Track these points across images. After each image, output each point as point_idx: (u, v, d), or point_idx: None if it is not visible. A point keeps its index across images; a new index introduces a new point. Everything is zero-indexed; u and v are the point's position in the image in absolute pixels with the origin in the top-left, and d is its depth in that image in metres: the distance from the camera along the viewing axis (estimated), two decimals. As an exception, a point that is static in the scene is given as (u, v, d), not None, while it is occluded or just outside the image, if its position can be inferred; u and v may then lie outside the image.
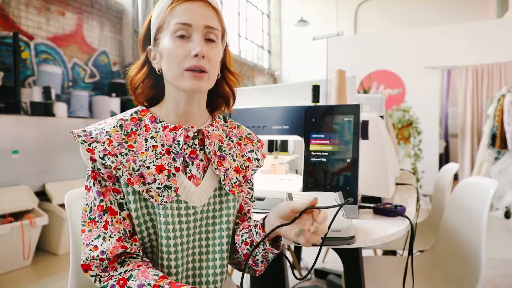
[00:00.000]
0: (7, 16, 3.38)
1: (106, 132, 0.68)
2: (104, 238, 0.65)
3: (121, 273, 0.64)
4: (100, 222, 0.66)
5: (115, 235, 0.65)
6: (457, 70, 5.33)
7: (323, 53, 6.89)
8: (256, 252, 0.73)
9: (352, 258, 0.98)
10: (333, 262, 2.52)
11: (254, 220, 0.79)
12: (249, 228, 0.76)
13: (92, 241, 0.65)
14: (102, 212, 0.66)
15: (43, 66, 3.63)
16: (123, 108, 4.00)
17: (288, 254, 2.37)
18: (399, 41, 5.51)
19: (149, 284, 0.61)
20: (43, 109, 3.07)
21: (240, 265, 0.82)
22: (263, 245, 0.71)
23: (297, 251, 2.40)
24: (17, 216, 2.55)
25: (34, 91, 3.23)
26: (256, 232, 0.73)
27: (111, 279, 0.64)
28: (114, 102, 3.93)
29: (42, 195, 2.83)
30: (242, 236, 0.76)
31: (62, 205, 2.71)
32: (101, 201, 0.66)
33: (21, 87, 3.25)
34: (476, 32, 5.12)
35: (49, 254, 2.75)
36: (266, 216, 0.74)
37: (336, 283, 2.11)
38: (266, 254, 0.73)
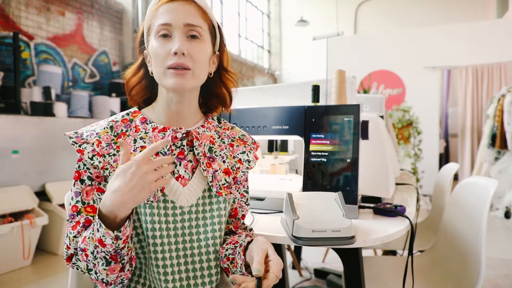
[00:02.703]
0: (7, 16, 3.38)
1: (96, 134, 0.70)
2: (69, 238, 0.68)
3: None
4: (71, 222, 0.68)
5: (81, 235, 0.67)
6: (457, 70, 5.33)
7: (323, 53, 6.88)
8: (235, 271, 0.72)
9: (352, 258, 0.97)
10: (333, 262, 2.52)
11: (243, 238, 0.76)
12: (235, 245, 0.74)
13: (65, 240, 0.69)
14: (75, 213, 0.69)
15: (43, 66, 3.63)
16: (123, 108, 4.00)
17: (288, 254, 2.38)
18: (399, 41, 5.50)
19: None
20: (43, 109, 3.06)
21: (227, 272, 0.79)
22: (240, 268, 0.70)
23: (297, 251, 2.40)
24: (17, 216, 2.55)
25: (34, 91, 3.23)
26: (238, 253, 0.71)
27: None
28: (114, 102, 3.93)
29: (42, 195, 2.83)
30: (226, 250, 0.74)
31: (62, 205, 2.71)
32: (77, 202, 0.69)
33: (21, 87, 3.25)
34: (476, 32, 5.12)
35: (49, 254, 2.75)
36: (252, 241, 0.71)
37: (336, 283, 2.11)
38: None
